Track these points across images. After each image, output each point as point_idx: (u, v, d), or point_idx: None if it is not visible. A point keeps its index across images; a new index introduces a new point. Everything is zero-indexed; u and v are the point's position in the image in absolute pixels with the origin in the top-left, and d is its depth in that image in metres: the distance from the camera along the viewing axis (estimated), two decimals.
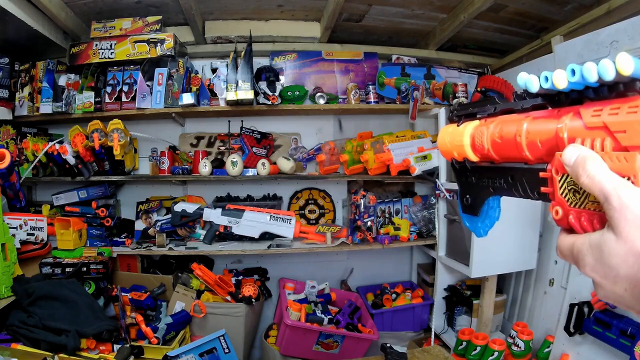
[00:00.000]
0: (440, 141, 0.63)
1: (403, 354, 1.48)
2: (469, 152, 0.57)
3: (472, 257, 1.97)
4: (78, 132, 2.06)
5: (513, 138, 0.48)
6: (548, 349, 1.87)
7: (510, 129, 0.49)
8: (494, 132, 0.52)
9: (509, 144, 0.49)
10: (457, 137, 0.58)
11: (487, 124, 0.54)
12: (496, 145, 0.52)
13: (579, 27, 2.01)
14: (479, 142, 0.55)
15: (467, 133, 0.57)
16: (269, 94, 2.20)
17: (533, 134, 0.46)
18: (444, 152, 0.63)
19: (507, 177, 0.52)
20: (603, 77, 0.36)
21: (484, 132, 0.53)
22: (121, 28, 2.16)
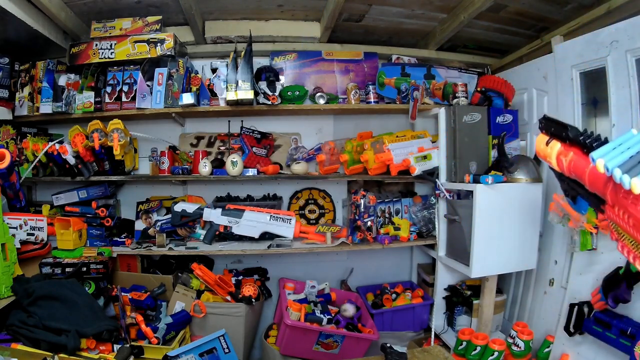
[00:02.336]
0: (538, 149, 0.98)
1: (403, 354, 1.48)
2: (556, 168, 0.89)
3: (472, 257, 1.97)
4: (78, 132, 2.06)
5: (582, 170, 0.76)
6: (548, 349, 1.87)
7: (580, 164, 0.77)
8: (569, 164, 0.81)
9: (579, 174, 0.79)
10: (547, 157, 0.91)
11: (565, 154, 0.82)
12: (570, 172, 0.82)
13: (579, 27, 2.01)
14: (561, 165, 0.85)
15: (554, 155, 0.88)
16: (269, 94, 2.20)
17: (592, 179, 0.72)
18: (540, 157, 0.96)
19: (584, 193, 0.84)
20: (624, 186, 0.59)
21: (563, 161, 0.83)
22: (121, 28, 2.16)
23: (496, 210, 1.96)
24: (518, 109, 2.30)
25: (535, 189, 2.00)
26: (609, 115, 1.76)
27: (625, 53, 1.65)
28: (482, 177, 1.93)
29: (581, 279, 1.73)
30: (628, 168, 0.62)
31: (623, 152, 0.65)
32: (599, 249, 1.64)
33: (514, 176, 2.02)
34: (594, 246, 1.65)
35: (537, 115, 2.25)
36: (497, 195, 1.95)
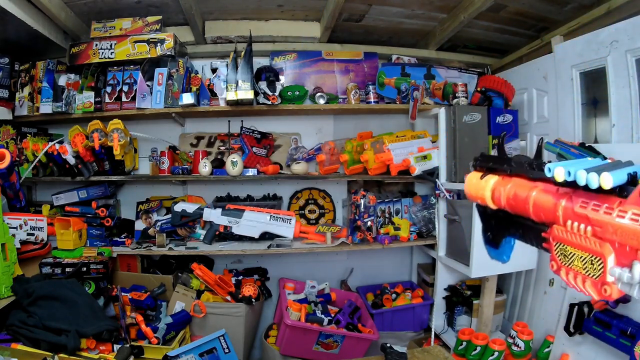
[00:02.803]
0: (467, 188, 0.80)
1: (403, 354, 1.48)
2: (489, 203, 0.73)
3: (472, 257, 1.97)
4: (78, 132, 2.06)
5: (523, 202, 0.64)
6: (548, 349, 1.87)
7: (522, 194, 0.65)
8: (509, 193, 0.67)
9: (520, 206, 0.65)
10: (480, 190, 0.75)
11: (505, 184, 0.69)
12: (510, 204, 0.68)
13: (579, 27, 2.01)
14: (497, 197, 0.70)
15: (489, 188, 0.73)
16: (269, 94, 2.20)
17: (538, 203, 0.62)
18: (470, 196, 0.80)
19: (519, 229, 0.69)
20: (590, 185, 0.50)
21: (502, 192, 0.69)
22: (121, 28, 2.16)
23: None
24: (518, 109, 2.30)
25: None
26: (609, 115, 1.76)
27: (625, 53, 1.65)
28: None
29: None
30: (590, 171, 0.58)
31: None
32: None
33: None
34: None
35: (537, 115, 2.26)
36: None
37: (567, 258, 0.59)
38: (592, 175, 0.50)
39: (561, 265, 0.59)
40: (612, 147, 1.70)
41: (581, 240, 0.55)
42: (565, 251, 0.59)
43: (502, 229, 0.75)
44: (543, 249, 0.62)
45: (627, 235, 0.47)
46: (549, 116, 2.17)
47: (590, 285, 0.56)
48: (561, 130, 2.02)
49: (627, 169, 0.54)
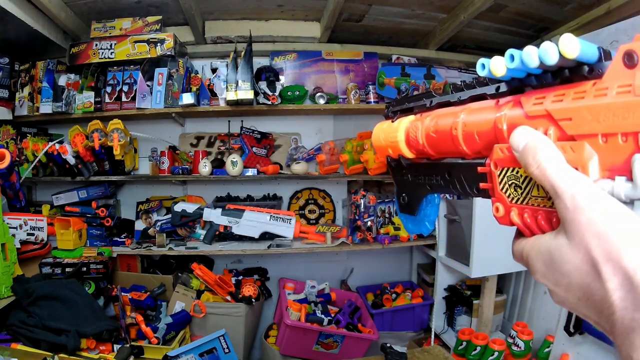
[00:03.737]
0: (374, 138, 0.59)
1: (403, 354, 1.48)
2: (403, 149, 0.54)
3: (472, 257, 1.97)
4: (78, 132, 2.06)
5: (449, 131, 0.45)
6: (548, 349, 1.87)
7: (446, 122, 0.45)
8: (429, 126, 0.48)
9: (445, 138, 0.46)
10: (391, 133, 0.55)
11: (423, 118, 0.50)
12: (431, 140, 0.49)
13: (579, 27, 2.01)
14: (413, 136, 0.51)
15: (402, 128, 0.54)
16: (269, 94, 2.20)
17: (470, 126, 0.42)
18: (377, 149, 0.59)
19: (444, 174, 0.48)
20: (545, 61, 0.33)
21: (419, 126, 0.50)
22: (121, 28, 2.16)
23: None
24: None
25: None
26: None
27: None
28: None
29: None
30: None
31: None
32: None
33: None
34: None
35: None
36: None
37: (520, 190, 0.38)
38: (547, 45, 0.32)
39: (511, 205, 0.38)
40: None
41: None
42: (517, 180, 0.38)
43: (421, 185, 0.55)
44: (480, 194, 0.44)
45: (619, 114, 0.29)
46: None
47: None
48: None
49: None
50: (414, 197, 0.57)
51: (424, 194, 0.55)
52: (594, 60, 0.31)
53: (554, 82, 0.35)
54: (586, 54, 0.31)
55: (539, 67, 0.34)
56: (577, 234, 0.29)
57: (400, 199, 0.59)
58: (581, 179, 0.30)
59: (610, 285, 0.27)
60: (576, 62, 0.31)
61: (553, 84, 0.35)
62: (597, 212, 0.28)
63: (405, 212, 0.59)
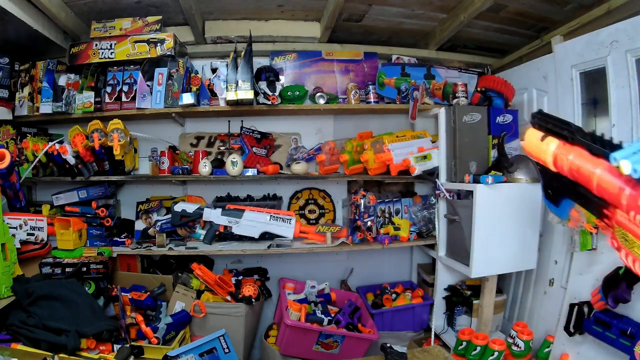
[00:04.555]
0: (527, 145, 0.79)
1: (403, 354, 1.48)
2: (551, 167, 0.73)
3: (472, 257, 1.97)
4: (78, 132, 2.06)
5: (588, 175, 0.62)
6: (548, 349, 1.87)
7: (587, 168, 0.63)
8: (572, 164, 0.66)
9: (583, 179, 0.64)
10: (542, 154, 0.75)
11: (566, 153, 0.68)
12: (572, 174, 0.67)
13: (579, 27, 2.01)
14: (560, 164, 0.70)
15: (550, 153, 0.72)
16: (269, 94, 2.20)
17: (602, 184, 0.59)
18: (530, 154, 0.80)
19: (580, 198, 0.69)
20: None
21: (564, 160, 0.68)
22: (121, 28, 2.16)
23: (496, 210, 1.96)
24: (518, 109, 2.30)
25: (535, 188, 2.00)
26: (609, 115, 1.76)
27: (625, 53, 1.65)
28: (482, 177, 1.93)
29: (581, 279, 1.73)
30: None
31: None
32: (599, 249, 1.64)
33: (514, 176, 2.02)
34: (594, 246, 1.65)
35: None
36: (497, 195, 1.95)
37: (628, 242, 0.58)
38: None
39: (621, 246, 0.58)
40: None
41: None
42: (626, 236, 0.58)
43: (561, 190, 0.77)
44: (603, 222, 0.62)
45: None
46: None
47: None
48: None
49: None
50: (556, 195, 0.81)
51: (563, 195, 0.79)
52: None
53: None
54: None
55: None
56: None
57: (547, 192, 0.83)
58: None
59: None
60: None
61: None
62: None
63: (550, 201, 0.84)
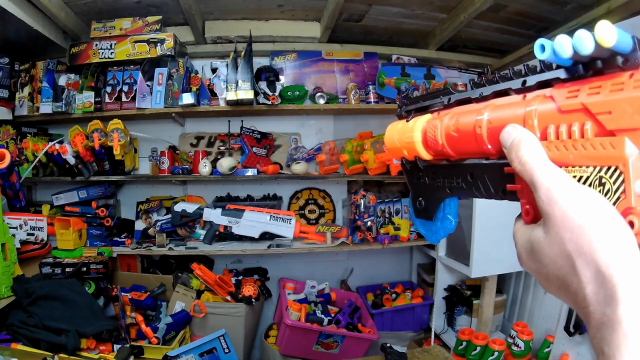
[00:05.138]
0: (388, 139, 0.56)
1: (403, 354, 1.48)
2: (420, 150, 0.50)
3: (472, 257, 1.97)
4: (78, 132, 2.06)
5: (472, 130, 0.41)
6: (548, 349, 1.87)
7: (469, 120, 0.42)
8: (449, 125, 0.45)
9: (468, 137, 0.42)
10: (407, 133, 0.51)
11: (441, 117, 0.47)
12: (452, 140, 0.45)
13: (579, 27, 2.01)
14: (431, 137, 0.48)
15: (418, 128, 0.50)
16: (269, 94, 2.20)
17: (496, 123, 0.39)
18: (391, 150, 0.56)
19: (466, 176, 0.45)
20: (579, 50, 0.30)
21: (438, 125, 0.46)
22: (121, 28, 2.16)
23: (496, 210, 1.96)
24: None
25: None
26: None
27: None
28: None
29: None
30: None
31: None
32: None
33: None
34: None
35: None
36: None
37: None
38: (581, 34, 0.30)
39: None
40: None
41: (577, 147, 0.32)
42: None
43: (439, 188, 0.50)
44: (507, 197, 0.40)
45: None
46: None
47: None
48: None
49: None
50: (431, 201, 0.53)
51: (442, 197, 0.51)
52: (628, 50, 0.29)
53: (586, 74, 0.32)
54: (622, 42, 0.29)
55: (571, 57, 0.32)
56: (552, 227, 0.30)
57: (416, 204, 0.56)
58: (558, 173, 0.31)
59: (583, 279, 0.27)
60: (611, 51, 0.29)
61: (585, 77, 0.33)
62: (572, 206, 0.29)
63: (422, 217, 0.55)
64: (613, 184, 0.30)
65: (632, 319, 0.24)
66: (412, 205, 0.57)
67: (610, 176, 0.30)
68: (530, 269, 0.34)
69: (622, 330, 0.24)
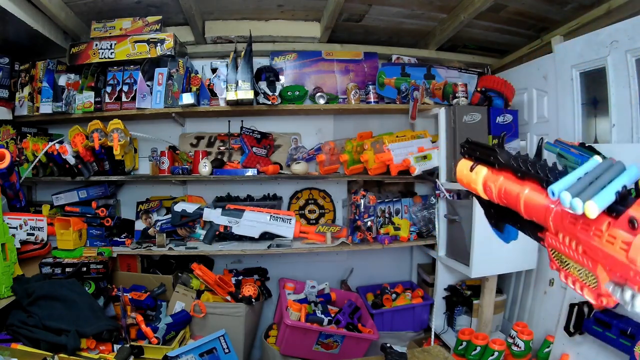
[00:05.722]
0: (459, 178, 0.80)
1: (403, 354, 1.48)
2: (482, 195, 0.73)
3: (472, 257, 1.97)
4: (78, 132, 2.06)
5: (515, 199, 0.63)
6: (548, 349, 1.87)
7: (513, 189, 0.64)
8: (499, 189, 0.67)
9: (512, 202, 0.64)
10: (472, 183, 0.75)
11: (494, 180, 0.68)
12: (501, 200, 0.68)
13: (579, 27, 2.01)
14: (489, 190, 0.70)
15: (479, 182, 0.73)
16: (269, 94, 2.20)
17: (529, 204, 0.60)
18: (463, 185, 0.80)
19: (517, 222, 0.69)
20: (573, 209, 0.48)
21: (492, 187, 0.68)
22: (121, 28, 2.16)
23: None
24: (518, 109, 2.30)
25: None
26: (609, 115, 1.76)
27: (625, 53, 1.65)
28: None
29: None
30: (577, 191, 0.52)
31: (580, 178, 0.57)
32: None
33: None
34: None
35: (537, 115, 2.26)
36: None
37: (563, 263, 0.58)
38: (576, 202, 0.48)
39: (560, 268, 0.58)
40: (612, 147, 1.70)
41: (574, 255, 0.52)
42: (560, 257, 0.58)
43: (502, 218, 0.75)
44: (541, 244, 0.62)
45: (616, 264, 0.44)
46: (549, 116, 2.17)
47: (588, 292, 0.55)
48: (561, 130, 2.02)
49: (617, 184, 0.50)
50: (498, 222, 0.79)
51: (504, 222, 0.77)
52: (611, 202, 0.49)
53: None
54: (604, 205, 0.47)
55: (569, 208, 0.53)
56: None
57: (490, 220, 0.82)
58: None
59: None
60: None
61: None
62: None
63: (495, 228, 0.82)
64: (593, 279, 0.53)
65: None
66: (487, 219, 0.84)
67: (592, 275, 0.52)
68: None
69: None
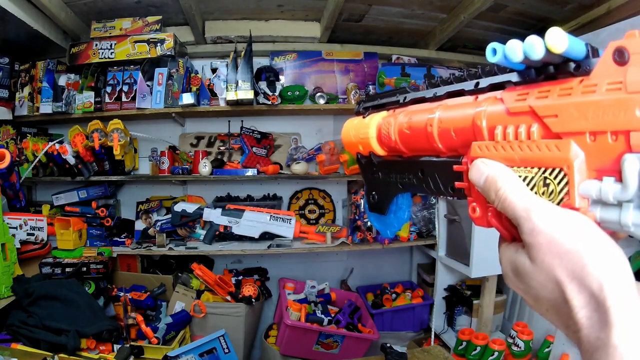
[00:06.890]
0: (344, 134, 0.58)
1: (403, 354, 1.48)
2: (374, 145, 0.52)
3: (472, 257, 1.97)
4: (78, 132, 2.06)
5: (424, 128, 0.42)
6: (548, 349, 1.87)
7: (421, 118, 0.43)
8: (402, 122, 0.46)
9: (419, 135, 0.44)
10: (362, 129, 0.53)
11: (396, 115, 0.49)
12: (404, 137, 0.46)
13: (579, 27, 2.01)
14: (385, 133, 0.49)
15: (373, 124, 0.52)
16: (269, 94, 2.20)
17: (446, 123, 0.40)
18: (347, 145, 0.58)
19: (417, 172, 0.46)
20: (530, 56, 0.30)
21: (392, 122, 0.48)
22: (121, 28, 2.16)
23: None
24: None
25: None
26: None
27: None
28: None
29: None
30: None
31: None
32: None
33: None
34: None
35: None
36: None
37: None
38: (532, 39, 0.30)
39: (489, 206, 0.36)
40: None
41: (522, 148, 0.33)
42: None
43: (392, 184, 0.52)
44: (456, 194, 0.41)
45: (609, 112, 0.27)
46: None
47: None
48: None
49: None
50: (384, 196, 0.55)
51: (395, 192, 0.53)
52: (581, 56, 0.30)
53: (537, 78, 0.33)
54: (574, 49, 0.29)
55: (522, 62, 0.32)
56: (538, 256, 0.29)
57: (369, 197, 0.57)
58: (537, 201, 0.30)
59: (575, 304, 0.27)
60: (563, 57, 0.30)
61: (536, 81, 0.33)
62: (558, 232, 0.28)
63: (375, 211, 0.57)
64: (557, 185, 0.31)
65: (627, 343, 0.24)
66: (366, 198, 0.59)
67: (555, 177, 0.31)
68: (517, 287, 0.33)
69: (617, 354, 0.24)
